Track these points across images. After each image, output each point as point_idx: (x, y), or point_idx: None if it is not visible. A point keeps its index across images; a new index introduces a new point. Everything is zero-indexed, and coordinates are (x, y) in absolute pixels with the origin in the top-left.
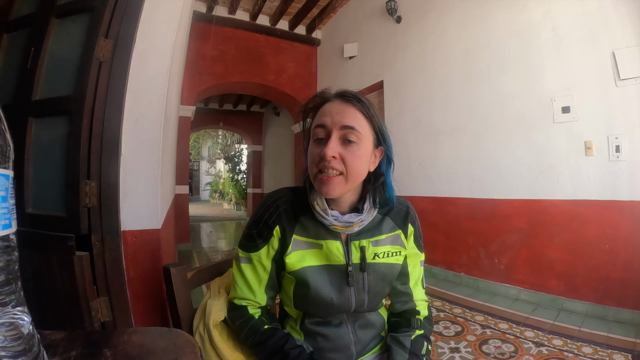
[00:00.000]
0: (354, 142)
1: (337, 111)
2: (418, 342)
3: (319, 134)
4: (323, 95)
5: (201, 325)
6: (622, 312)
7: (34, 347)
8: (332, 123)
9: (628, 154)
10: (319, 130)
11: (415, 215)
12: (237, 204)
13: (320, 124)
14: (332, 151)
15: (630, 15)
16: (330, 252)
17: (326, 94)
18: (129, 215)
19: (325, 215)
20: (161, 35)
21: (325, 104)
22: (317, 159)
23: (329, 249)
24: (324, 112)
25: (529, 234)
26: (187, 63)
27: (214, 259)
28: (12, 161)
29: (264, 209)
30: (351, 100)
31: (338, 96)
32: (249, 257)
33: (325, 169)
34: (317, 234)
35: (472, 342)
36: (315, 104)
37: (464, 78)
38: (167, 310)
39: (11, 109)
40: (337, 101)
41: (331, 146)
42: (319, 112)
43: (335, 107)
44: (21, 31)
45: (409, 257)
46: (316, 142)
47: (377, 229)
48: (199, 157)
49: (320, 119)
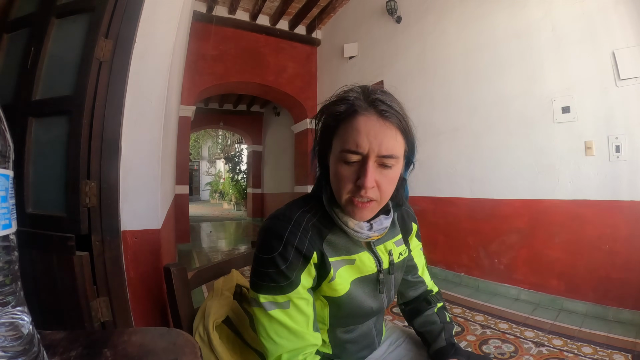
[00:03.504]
0: (391, 167)
1: (374, 134)
2: (441, 313)
3: (351, 159)
4: (352, 101)
5: (201, 326)
6: (622, 312)
7: (34, 347)
8: (370, 150)
9: (628, 154)
10: (351, 155)
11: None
12: (237, 204)
13: (353, 150)
14: (371, 182)
15: (630, 15)
16: (363, 264)
17: (357, 101)
18: (129, 215)
19: (360, 230)
20: (161, 35)
21: (357, 116)
22: (350, 187)
23: (362, 261)
24: (357, 130)
25: (529, 234)
26: (187, 63)
27: (214, 259)
28: (12, 161)
29: (289, 235)
30: (390, 116)
31: (373, 106)
32: (286, 300)
33: (360, 196)
34: (347, 249)
35: (472, 342)
36: (341, 111)
37: (464, 78)
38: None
39: (11, 109)
40: (373, 116)
41: (369, 177)
42: (348, 125)
43: (372, 125)
44: (21, 31)
45: (413, 250)
46: (347, 163)
47: (395, 228)
48: (199, 157)
49: (352, 139)
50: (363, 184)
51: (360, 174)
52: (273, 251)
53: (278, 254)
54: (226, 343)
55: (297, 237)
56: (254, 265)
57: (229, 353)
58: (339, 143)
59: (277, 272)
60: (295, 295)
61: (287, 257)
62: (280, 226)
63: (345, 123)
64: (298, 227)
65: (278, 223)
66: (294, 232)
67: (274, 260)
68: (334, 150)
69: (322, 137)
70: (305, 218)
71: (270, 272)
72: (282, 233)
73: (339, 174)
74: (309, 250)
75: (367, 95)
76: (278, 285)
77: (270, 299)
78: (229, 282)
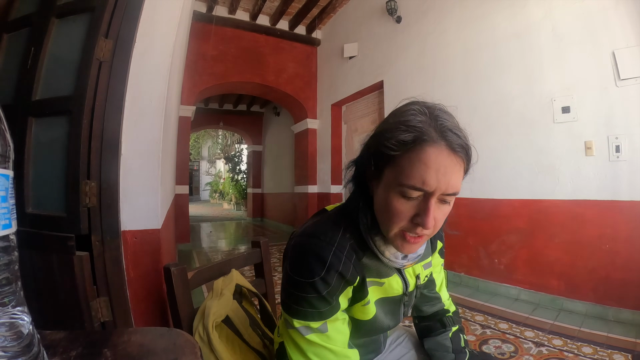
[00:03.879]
0: (449, 202)
1: (444, 171)
2: (456, 338)
3: (412, 194)
4: (421, 129)
5: (200, 326)
6: (622, 312)
7: (34, 347)
8: (437, 188)
9: (628, 154)
10: (413, 191)
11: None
12: (237, 204)
13: (418, 187)
14: (432, 222)
15: (630, 15)
16: (390, 287)
17: (426, 128)
18: (129, 215)
19: (395, 259)
20: (161, 35)
21: (426, 148)
22: (405, 223)
23: (390, 285)
24: (426, 165)
25: (529, 234)
26: (187, 63)
27: (214, 259)
28: (12, 161)
29: (332, 259)
30: (460, 150)
31: (443, 137)
32: (324, 323)
33: (414, 233)
34: (378, 272)
35: (472, 342)
36: (407, 141)
37: (464, 78)
38: (167, 310)
39: (11, 109)
40: (444, 150)
41: (431, 217)
42: (414, 157)
43: (442, 160)
44: (21, 31)
45: (434, 266)
46: (404, 197)
47: (426, 251)
48: (199, 157)
49: (419, 175)
50: (424, 224)
51: (420, 212)
52: (314, 275)
53: (320, 278)
54: (226, 343)
55: (341, 261)
56: (288, 286)
57: (229, 353)
58: (399, 175)
59: (318, 297)
60: (333, 318)
61: (330, 282)
62: (323, 248)
63: (410, 153)
64: (342, 250)
65: (319, 244)
66: (337, 256)
67: (315, 285)
68: (388, 180)
69: (372, 162)
70: (347, 240)
71: (309, 298)
72: (324, 256)
73: (392, 208)
74: (352, 276)
75: (435, 121)
76: (317, 311)
77: (306, 324)
78: (229, 282)
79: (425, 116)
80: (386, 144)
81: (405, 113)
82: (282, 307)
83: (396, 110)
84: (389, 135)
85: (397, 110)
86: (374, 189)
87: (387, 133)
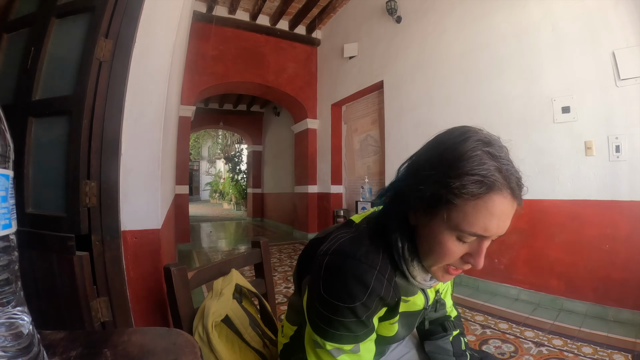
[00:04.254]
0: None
1: (505, 217)
2: (457, 341)
3: (469, 239)
4: (491, 179)
5: (200, 326)
6: (622, 312)
7: (33, 347)
8: (495, 233)
9: (628, 154)
10: (471, 237)
11: None
12: (237, 204)
13: (480, 234)
14: (483, 262)
15: (630, 15)
16: (414, 304)
17: (495, 176)
18: (129, 215)
19: (424, 281)
20: (161, 35)
21: (492, 196)
22: (454, 260)
23: (414, 302)
24: (491, 214)
25: (529, 234)
26: (187, 63)
27: (214, 259)
28: (12, 161)
29: (375, 284)
30: (519, 197)
31: (509, 187)
32: (356, 347)
33: (460, 267)
34: (406, 291)
35: (472, 342)
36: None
37: (464, 78)
38: (167, 310)
39: (11, 109)
40: (508, 197)
41: (482, 259)
42: (480, 204)
43: (505, 208)
44: (21, 31)
45: None
46: (460, 240)
47: None
48: (199, 157)
49: (482, 223)
50: (477, 265)
51: (474, 253)
52: (355, 300)
53: (361, 303)
54: (225, 342)
55: (383, 286)
56: (321, 307)
57: (229, 352)
58: (461, 221)
59: (357, 322)
60: (367, 340)
61: (370, 307)
62: (365, 271)
63: (477, 201)
64: (384, 273)
65: (361, 267)
66: (379, 280)
67: (355, 311)
68: (444, 221)
69: (426, 202)
70: (387, 263)
71: (346, 322)
72: (367, 280)
73: (445, 248)
74: (392, 299)
75: (498, 162)
76: (353, 335)
77: (339, 347)
78: (229, 281)
79: (491, 160)
80: (453, 192)
81: (472, 159)
82: (312, 327)
83: (455, 148)
84: (456, 183)
85: (457, 149)
86: (418, 219)
87: (453, 180)
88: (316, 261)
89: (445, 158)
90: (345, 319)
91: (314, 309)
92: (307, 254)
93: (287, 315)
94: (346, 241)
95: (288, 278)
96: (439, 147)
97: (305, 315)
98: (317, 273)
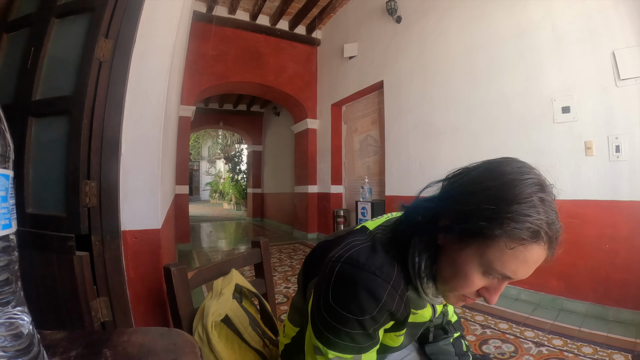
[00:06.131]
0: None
1: (535, 266)
2: (457, 343)
3: (493, 276)
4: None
5: (200, 326)
6: (622, 312)
7: (33, 347)
8: (518, 278)
9: (628, 154)
10: (497, 275)
11: None
12: (237, 204)
13: (508, 276)
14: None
15: (630, 15)
16: (422, 316)
17: (544, 229)
18: (129, 215)
19: (435, 298)
20: (161, 35)
21: (532, 246)
22: (472, 291)
23: (422, 314)
24: (525, 262)
25: None
26: (187, 63)
27: (214, 259)
28: (12, 161)
29: (387, 298)
30: (553, 250)
31: (550, 246)
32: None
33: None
34: (416, 305)
35: (472, 342)
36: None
37: (464, 78)
38: (167, 310)
39: (11, 109)
40: (544, 250)
41: (498, 297)
42: (517, 250)
43: (538, 258)
44: (21, 31)
45: None
46: (485, 276)
47: None
48: (199, 157)
49: (514, 267)
50: (490, 301)
51: (491, 289)
52: (365, 313)
53: (371, 317)
54: (225, 342)
55: (395, 301)
56: (327, 316)
57: (228, 352)
58: (494, 259)
59: (363, 334)
60: (370, 351)
61: (379, 321)
62: (379, 285)
63: (518, 245)
64: (397, 288)
65: (375, 280)
66: (392, 295)
67: (363, 324)
68: (475, 253)
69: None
70: (401, 277)
71: (352, 333)
72: (379, 294)
73: (468, 279)
74: (402, 315)
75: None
76: (357, 346)
77: (341, 357)
78: (229, 281)
79: (542, 208)
80: (501, 230)
81: (529, 204)
82: (315, 333)
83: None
84: (508, 223)
85: (514, 188)
86: (447, 242)
87: (504, 220)
88: (326, 266)
89: (502, 194)
90: (352, 331)
91: (319, 315)
92: (315, 256)
93: (289, 315)
94: (360, 250)
95: (288, 278)
96: (496, 179)
97: (308, 319)
98: (327, 279)
